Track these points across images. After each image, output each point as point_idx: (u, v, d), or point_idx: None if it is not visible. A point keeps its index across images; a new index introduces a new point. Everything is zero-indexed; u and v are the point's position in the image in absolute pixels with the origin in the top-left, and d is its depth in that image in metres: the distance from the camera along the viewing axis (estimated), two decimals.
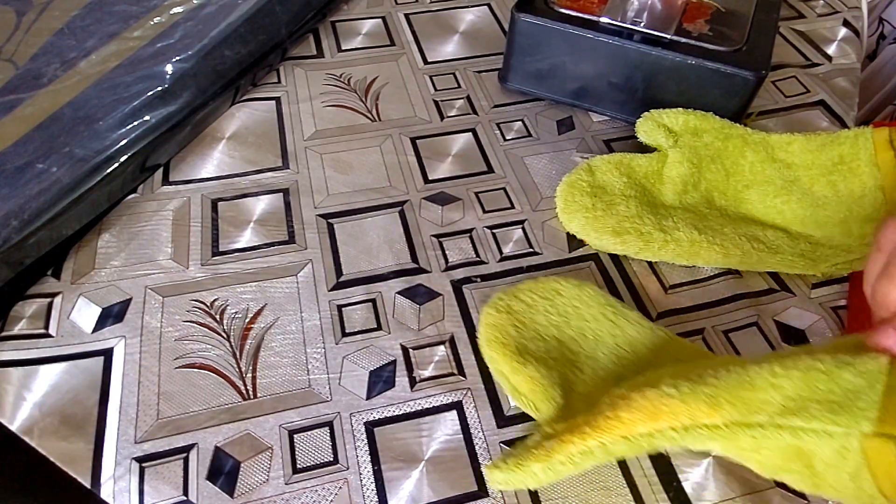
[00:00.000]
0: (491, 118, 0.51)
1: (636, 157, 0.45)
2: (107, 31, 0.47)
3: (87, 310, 0.37)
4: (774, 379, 0.26)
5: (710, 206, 0.43)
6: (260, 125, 0.49)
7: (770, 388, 0.26)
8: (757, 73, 0.44)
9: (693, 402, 0.27)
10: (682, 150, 0.44)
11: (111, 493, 0.31)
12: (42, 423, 0.33)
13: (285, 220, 0.43)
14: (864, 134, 0.43)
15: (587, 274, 0.41)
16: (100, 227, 0.42)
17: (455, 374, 0.36)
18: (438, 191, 0.45)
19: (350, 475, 0.32)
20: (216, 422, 0.33)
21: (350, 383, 0.35)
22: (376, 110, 0.51)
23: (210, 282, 0.39)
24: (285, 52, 0.54)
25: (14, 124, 0.41)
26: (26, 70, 0.44)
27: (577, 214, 0.42)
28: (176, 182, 0.45)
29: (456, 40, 0.58)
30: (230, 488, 0.31)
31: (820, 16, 0.63)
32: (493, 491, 0.32)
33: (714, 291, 0.40)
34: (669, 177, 0.44)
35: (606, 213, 0.41)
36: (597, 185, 0.43)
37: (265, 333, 0.37)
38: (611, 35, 0.45)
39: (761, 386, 0.26)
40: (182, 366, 0.35)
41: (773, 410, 0.26)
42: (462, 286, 0.40)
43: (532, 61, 0.49)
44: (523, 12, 0.47)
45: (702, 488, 0.32)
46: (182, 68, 0.44)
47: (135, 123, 0.41)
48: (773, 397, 0.26)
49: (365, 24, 0.59)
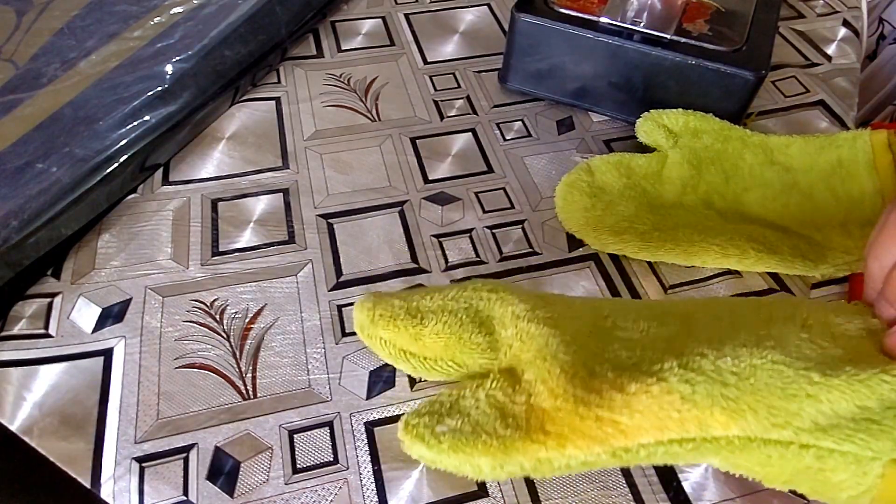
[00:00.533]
0: (491, 118, 0.51)
1: (636, 157, 0.45)
2: (107, 31, 0.47)
3: (87, 310, 0.37)
4: (811, 387, 0.23)
5: (709, 208, 0.43)
6: (260, 125, 0.49)
7: (805, 397, 0.23)
8: (757, 73, 0.44)
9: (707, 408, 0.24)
10: (682, 151, 0.44)
11: (111, 493, 0.31)
12: (42, 423, 0.33)
13: (285, 220, 0.43)
14: (861, 137, 0.43)
15: (587, 274, 0.41)
16: (100, 227, 0.42)
17: None
18: (438, 191, 0.45)
19: (350, 475, 0.32)
20: (216, 422, 0.33)
21: (350, 383, 0.35)
22: (376, 110, 0.51)
23: (210, 282, 0.39)
24: (285, 52, 0.54)
25: (14, 124, 0.41)
26: (26, 70, 0.44)
27: (576, 214, 0.42)
28: (176, 182, 0.45)
29: (456, 40, 0.58)
30: (230, 488, 0.31)
31: (820, 16, 0.63)
32: (493, 490, 0.32)
33: (714, 291, 0.40)
34: (669, 177, 0.44)
35: (605, 212, 0.41)
36: (596, 185, 0.43)
37: (265, 333, 0.37)
38: (611, 35, 0.46)
39: (794, 393, 0.23)
40: (182, 366, 0.35)
41: (802, 425, 0.23)
42: None
43: (532, 61, 0.49)
44: (523, 12, 0.47)
45: (702, 488, 0.32)
46: (182, 68, 0.44)
47: (135, 123, 0.41)
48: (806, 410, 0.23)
49: (365, 24, 0.59)
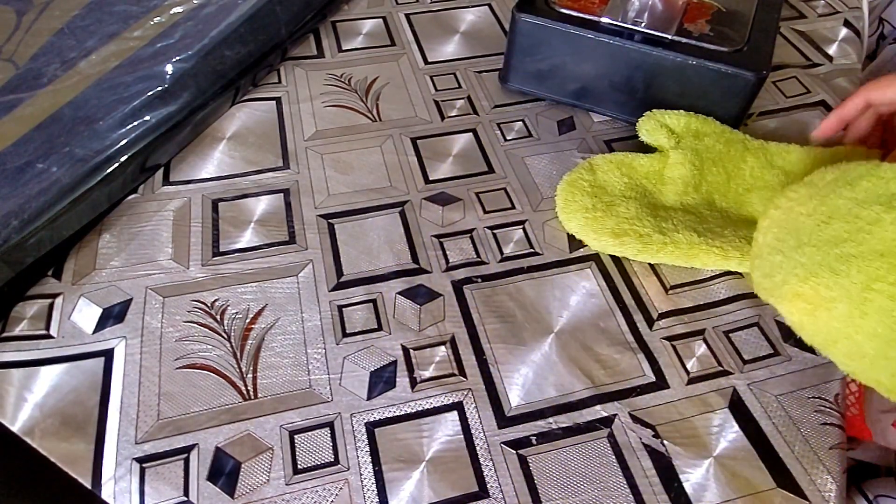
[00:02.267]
0: (491, 118, 0.51)
1: (638, 156, 0.45)
2: (107, 31, 0.47)
3: (88, 310, 0.37)
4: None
5: (710, 208, 0.43)
6: (260, 125, 0.49)
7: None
8: (758, 74, 0.44)
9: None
10: (685, 151, 0.44)
11: (112, 494, 0.31)
12: (43, 423, 0.33)
13: (286, 220, 0.43)
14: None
15: (588, 274, 0.41)
16: (100, 227, 0.42)
17: (456, 374, 0.36)
18: (439, 191, 0.45)
19: (351, 476, 0.32)
20: (217, 422, 0.33)
21: (351, 384, 0.35)
22: (377, 110, 0.51)
23: (210, 282, 0.39)
24: (285, 52, 0.54)
25: (14, 124, 0.41)
26: (26, 70, 0.44)
27: (577, 215, 0.42)
28: (176, 182, 0.44)
29: (456, 40, 0.58)
30: (231, 489, 0.31)
31: (821, 16, 0.63)
32: (493, 491, 0.32)
33: (714, 292, 0.40)
34: (671, 177, 0.44)
35: (606, 213, 0.41)
36: (597, 184, 0.43)
37: (266, 334, 0.37)
38: (611, 35, 0.45)
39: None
40: (183, 366, 0.35)
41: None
42: (463, 286, 0.40)
43: (532, 61, 0.49)
44: (524, 12, 0.47)
45: (703, 489, 0.32)
46: (182, 68, 0.44)
47: (135, 123, 0.41)
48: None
49: (365, 24, 0.59)
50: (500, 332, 0.38)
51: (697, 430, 0.34)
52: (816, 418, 0.35)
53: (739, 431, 0.34)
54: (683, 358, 0.37)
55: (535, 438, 0.34)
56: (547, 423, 0.34)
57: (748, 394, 0.36)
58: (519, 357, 0.37)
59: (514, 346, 0.37)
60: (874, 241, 0.30)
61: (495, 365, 0.36)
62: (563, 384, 0.36)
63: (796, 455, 0.34)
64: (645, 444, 0.34)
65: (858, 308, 0.29)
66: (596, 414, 0.35)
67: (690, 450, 0.34)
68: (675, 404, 0.35)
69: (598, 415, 0.35)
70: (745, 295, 0.40)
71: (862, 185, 0.33)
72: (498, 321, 0.38)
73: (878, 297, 0.29)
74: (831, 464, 0.33)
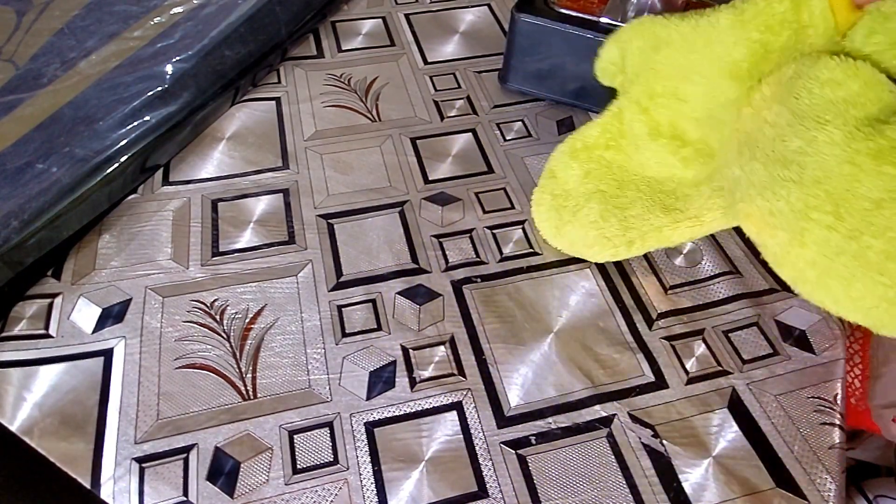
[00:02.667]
0: (491, 118, 0.51)
1: (585, 130, 0.40)
2: (107, 31, 0.47)
3: (88, 310, 0.37)
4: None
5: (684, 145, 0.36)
6: (260, 125, 0.49)
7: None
8: None
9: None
10: (633, 92, 0.38)
11: (111, 494, 0.31)
12: (42, 423, 0.33)
13: (285, 220, 0.43)
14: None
15: (587, 274, 0.41)
16: (100, 227, 0.42)
17: (455, 374, 0.36)
18: (438, 191, 0.45)
19: (350, 476, 0.32)
20: (216, 422, 0.33)
21: (350, 384, 0.35)
22: (376, 110, 0.51)
23: (210, 282, 0.39)
24: (285, 52, 0.54)
25: (14, 124, 0.41)
26: (26, 70, 0.44)
27: (552, 233, 0.41)
28: (176, 182, 0.45)
29: (456, 40, 0.58)
30: (230, 489, 0.31)
31: None
32: (493, 491, 0.32)
33: (714, 291, 0.40)
34: (632, 133, 0.39)
35: (573, 223, 0.40)
36: (559, 190, 0.41)
37: (265, 334, 0.37)
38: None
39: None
40: (182, 366, 0.35)
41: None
42: (462, 286, 0.40)
43: (532, 61, 0.49)
44: (523, 12, 0.47)
45: (702, 489, 0.32)
46: (182, 68, 0.44)
47: (135, 123, 0.41)
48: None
49: (365, 25, 0.59)
50: (500, 332, 0.38)
51: (697, 429, 0.34)
52: (816, 418, 0.35)
53: (739, 431, 0.34)
54: (683, 358, 0.37)
55: (534, 438, 0.34)
56: (546, 423, 0.34)
57: (747, 393, 0.36)
58: (518, 357, 0.37)
59: (513, 346, 0.37)
60: (812, 164, 0.27)
61: (495, 365, 0.36)
62: (562, 384, 0.36)
63: (795, 455, 0.34)
64: (644, 443, 0.34)
65: (797, 238, 0.27)
66: (595, 414, 0.35)
67: (690, 449, 0.34)
68: (674, 404, 0.35)
69: (598, 415, 0.35)
70: (744, 295, 0.40)
71: (798, 89, 0.27)
72: (497, 321, 0.38)
73: (815, 228, 0.27)
74: (830, 463, 0.33)
